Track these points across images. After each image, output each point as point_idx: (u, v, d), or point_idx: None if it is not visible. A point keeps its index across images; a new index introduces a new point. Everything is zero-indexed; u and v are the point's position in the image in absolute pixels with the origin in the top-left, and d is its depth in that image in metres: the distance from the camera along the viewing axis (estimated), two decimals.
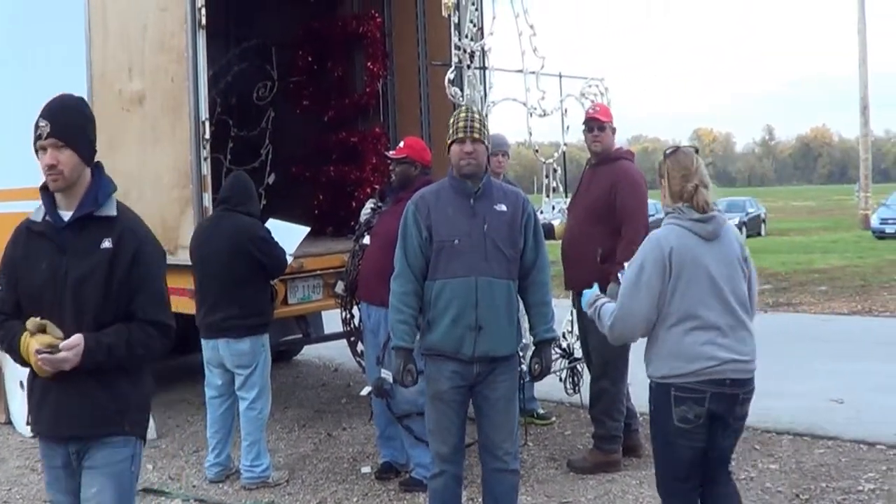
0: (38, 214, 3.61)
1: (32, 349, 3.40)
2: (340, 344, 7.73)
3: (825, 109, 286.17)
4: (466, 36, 7.23)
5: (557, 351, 7.63)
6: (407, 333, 4.82)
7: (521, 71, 7.70)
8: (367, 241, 6.49)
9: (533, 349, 5.08)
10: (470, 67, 7.33)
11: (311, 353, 11.41)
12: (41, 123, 3.47)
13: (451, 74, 7.06)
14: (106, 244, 3.50)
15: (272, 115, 10.33)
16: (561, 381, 7.82)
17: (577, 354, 7.67)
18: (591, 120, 6.73)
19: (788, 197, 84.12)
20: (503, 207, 4.84)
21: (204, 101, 6.89)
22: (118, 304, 3.51)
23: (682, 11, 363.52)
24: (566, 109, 7.97)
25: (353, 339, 7.03)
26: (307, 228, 7.24)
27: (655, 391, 4.38)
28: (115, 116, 7.57)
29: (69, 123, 3.50)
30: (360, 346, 6.98)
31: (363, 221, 6.68)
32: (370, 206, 6.74)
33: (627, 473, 6.53)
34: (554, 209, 8.17)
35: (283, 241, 6.65)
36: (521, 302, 5.04)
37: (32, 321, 3.45)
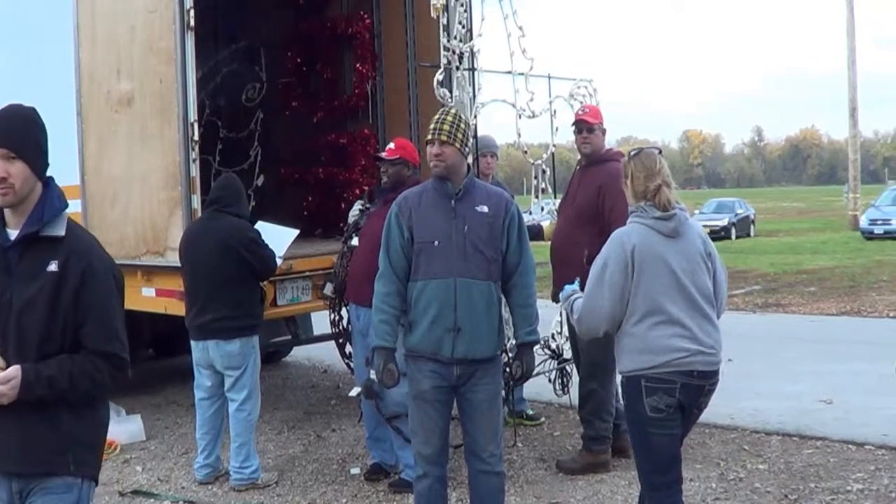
0: None
1: None
2: (329, 345, 7.72)
3: (814, 110, 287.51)
4: (455, 37, 7.23)
5: (547, 352, 7.65)
6: (388, 333, 4.83)
7: (510, 72, 7.72)
8: (355, 242, 6.49)
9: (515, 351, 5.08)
10: (459, 69, 7.33)
11: (300, 354, 11.41)
12: None
13: (440, 76, 7.07)
14: (52, 267, 3.16)
15: (261, 116, 10.33)
16: (550, 382, 7.84)
17: (566, 355, 7.68)
18: (580, 122, 6.73)
19: (778, 198, 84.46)
20: (485, 209, 4.82)
21: (193, 102, 6.89)
22: (64, 332, 3.18)
23: (671, 13, 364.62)
24: (555, 111, 7.99)
25: (341, 340, 7.04)
26: (296, 231, 7.22)
27: (626, 385, 4.48)
28: (103, 118, 7.58)
29: (21, 133, 3.19)
30: (348, 347, 6.98)
31: (351, 223, 6.68)
32: (358, 207, 6.74)
33: (616, 474, 6.54)
34: (543, 210, 8.18)
35: (272, 243, 6.64)
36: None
37: None
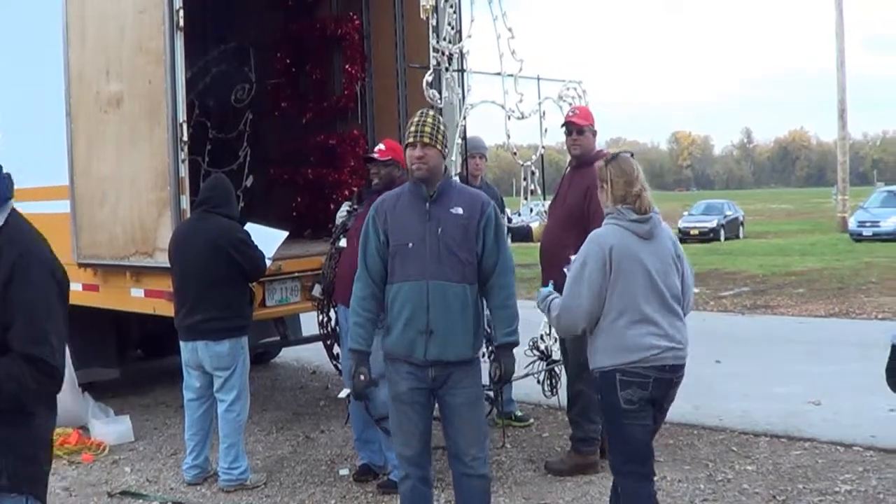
0: None
1: None
2: (318, 346, 7.72)
3: (803, 112, 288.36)
4: (445, 38, 7.24)
5: (535, 353, 7.65)
6: (362, 337, 4.84)
7: (499, 74, 7.72)
8: (343, 243, 6.49)
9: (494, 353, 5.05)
10: (448, 70, 7.34)
11: (289, 355, 11.40)
12: None
13: (429, 77, 7.07)
14: None
15: (250, 117, 10.32)
16: (539, 383, 7.84)
17: (555, 357, 7.68)
18: (569, 123, 6.74)
19: (766, 200, 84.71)
20: (459, 210, 4.78)
21: (182, 103, 6.87)
22: None
23: (661, 14, 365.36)
24: (544, 112, 7.99)
25: (329, 341, 7.03)
26: (286, 232, 7.23)
27: (600, 380, 4.66)
28: (93, 119, 7.56)
29: None
30: (336, 348, 6.98)
31: (339, 224, 6.68)
32: (346, 208, 6.74)
33: (605, 475, 6.52)
34: (532, 212, 8.18)
35: (261, 244, 6.64)
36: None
37: None
